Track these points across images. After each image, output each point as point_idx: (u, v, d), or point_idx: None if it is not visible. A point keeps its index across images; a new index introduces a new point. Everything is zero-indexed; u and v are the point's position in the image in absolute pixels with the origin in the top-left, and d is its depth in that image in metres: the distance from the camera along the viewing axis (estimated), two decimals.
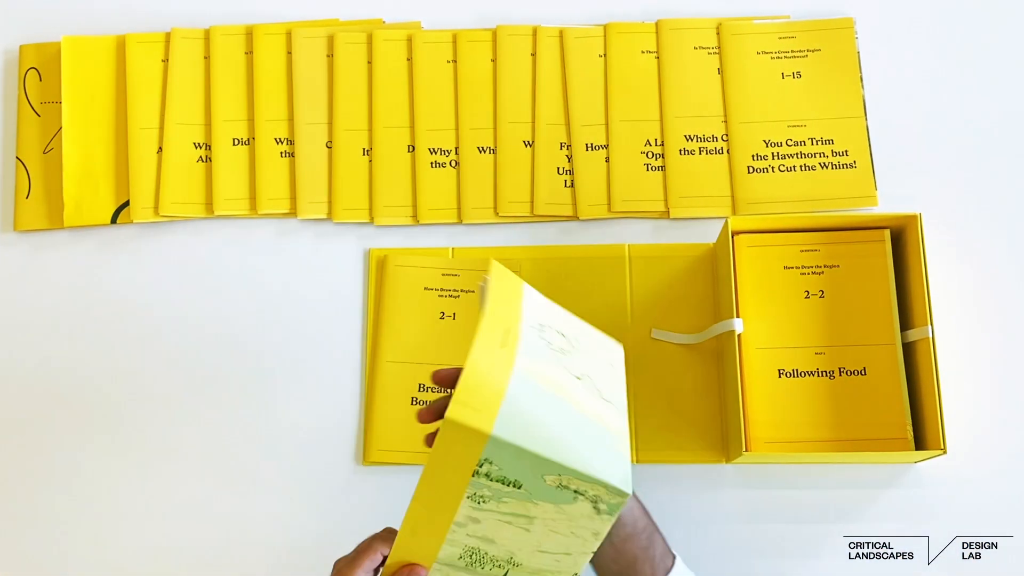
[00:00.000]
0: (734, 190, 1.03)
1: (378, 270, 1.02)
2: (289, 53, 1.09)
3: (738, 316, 0.93)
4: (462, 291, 1.00)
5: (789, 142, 1.04)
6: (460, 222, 1.04)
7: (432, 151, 1.06)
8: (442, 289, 1.00)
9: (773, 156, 1.04)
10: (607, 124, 1.06)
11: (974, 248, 1.02)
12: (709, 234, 1.01)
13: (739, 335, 0.93)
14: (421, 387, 0.98)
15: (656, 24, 1.09)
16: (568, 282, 1.01)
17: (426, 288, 1.00)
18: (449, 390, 0.79)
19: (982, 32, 1.09)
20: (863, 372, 0.93)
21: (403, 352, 0.99)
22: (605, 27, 1.09)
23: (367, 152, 1.06)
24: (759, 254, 0.96)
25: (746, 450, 0.88)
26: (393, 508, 0.96)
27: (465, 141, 1.06)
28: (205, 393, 1.00)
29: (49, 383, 1.01)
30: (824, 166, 1.04)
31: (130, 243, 1.05)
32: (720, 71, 1.07)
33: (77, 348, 1.02)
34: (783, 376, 0.93)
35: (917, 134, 1.06)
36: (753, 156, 1.04)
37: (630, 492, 0.66)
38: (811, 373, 0.93)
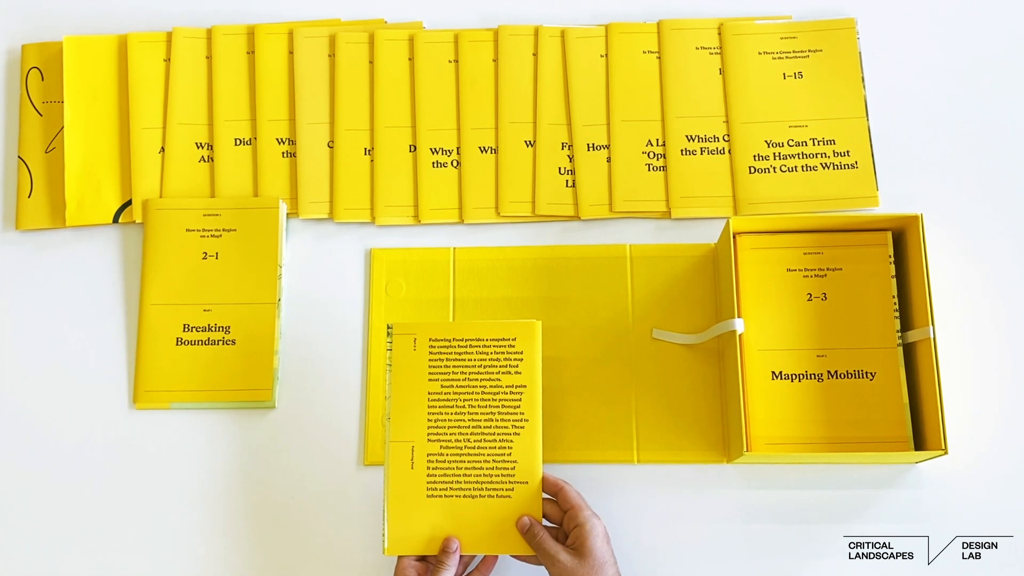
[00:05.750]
0: (735, 190, 1.03)
1: (143, 215, 1.04)
2: (291, 53, 1.09)
3: (739, 316, 0.93)
4: (223, 230, 1.01)
5: (791, 142, 1.04)
6: (461, 222, 1.04)
7: (434, 151, 1.06)
8: (203, 229, 1.02)
9: (775, 156, 1.04)
10: (608, 124, 1.06)
11: (975, 248, 1.02)
12: (710, 234, 1.01)
13: (740, 335, 0.93)
14: (186, 327, 0.99)
15: (658, 24, 1.09)
16: (569, 282, 1.01)
17: (188, 229, 1.02)
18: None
19: (983, 32, 1.09)
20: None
21: (168, 294, 1.01)
22: (607, 27, 1.09)
23: (369, 152, 1.06)
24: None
25: (747, 450, 0.89)
26: None
27: (466, 141, 1.06)
28: None
29: (49, 382, 1.01)
30: (826, 166, 1.04)
31: (132, 242, 1.05)
32: (722, 71, 1.07)
33: (78, 345, 1.02)
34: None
35: (919, 134, 1.06)
36: (755, 156, 1.04)
37: None
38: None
